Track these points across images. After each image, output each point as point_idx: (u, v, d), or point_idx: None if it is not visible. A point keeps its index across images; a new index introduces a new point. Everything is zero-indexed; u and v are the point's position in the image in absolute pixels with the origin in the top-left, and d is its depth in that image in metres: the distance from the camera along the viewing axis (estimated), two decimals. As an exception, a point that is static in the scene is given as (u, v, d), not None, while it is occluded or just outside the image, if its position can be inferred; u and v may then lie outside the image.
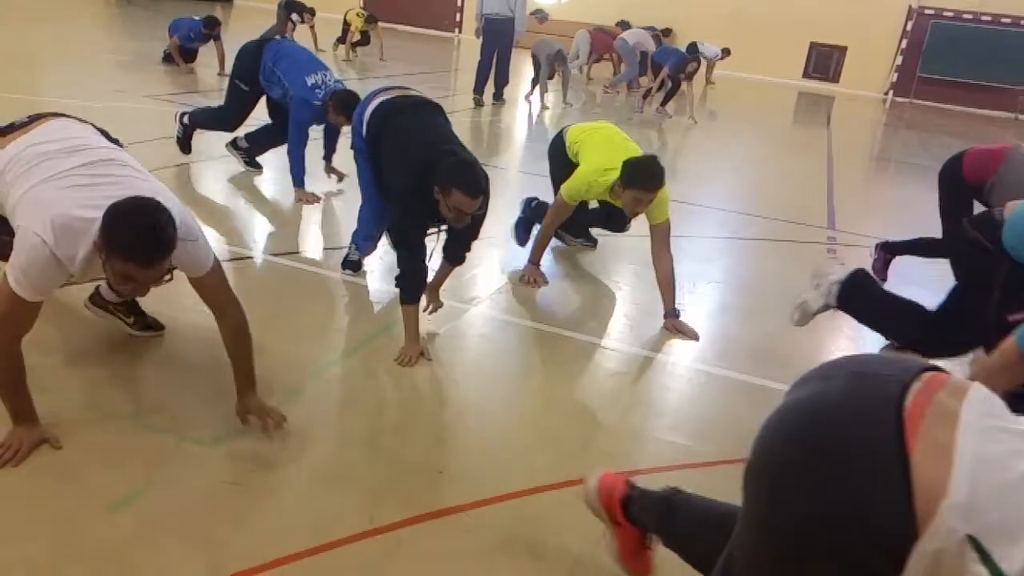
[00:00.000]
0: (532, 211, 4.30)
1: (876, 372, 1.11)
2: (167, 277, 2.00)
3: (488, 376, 3.03)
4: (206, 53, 9.23)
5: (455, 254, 3.29)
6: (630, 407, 2.93)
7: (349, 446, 2.45)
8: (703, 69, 14.45)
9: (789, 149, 9.99)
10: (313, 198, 4.85)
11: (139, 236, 1.87)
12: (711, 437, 2.76)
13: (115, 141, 2.47)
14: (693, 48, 13.18)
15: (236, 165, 5.31)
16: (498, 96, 9.81)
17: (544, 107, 9.94)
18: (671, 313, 3.59)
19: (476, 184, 2.81)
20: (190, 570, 1.85)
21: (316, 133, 4.94)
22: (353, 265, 3.78)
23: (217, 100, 7.83)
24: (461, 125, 3.47)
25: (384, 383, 2.88)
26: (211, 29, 8.81)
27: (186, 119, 5.22)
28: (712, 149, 8.83)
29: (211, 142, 5.51)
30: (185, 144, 5.28)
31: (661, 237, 3.62)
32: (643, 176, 3.44)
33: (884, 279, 4.56)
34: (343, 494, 2.20)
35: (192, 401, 2.54)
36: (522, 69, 11.20)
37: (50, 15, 13.35)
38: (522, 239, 4.28)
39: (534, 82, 10.43)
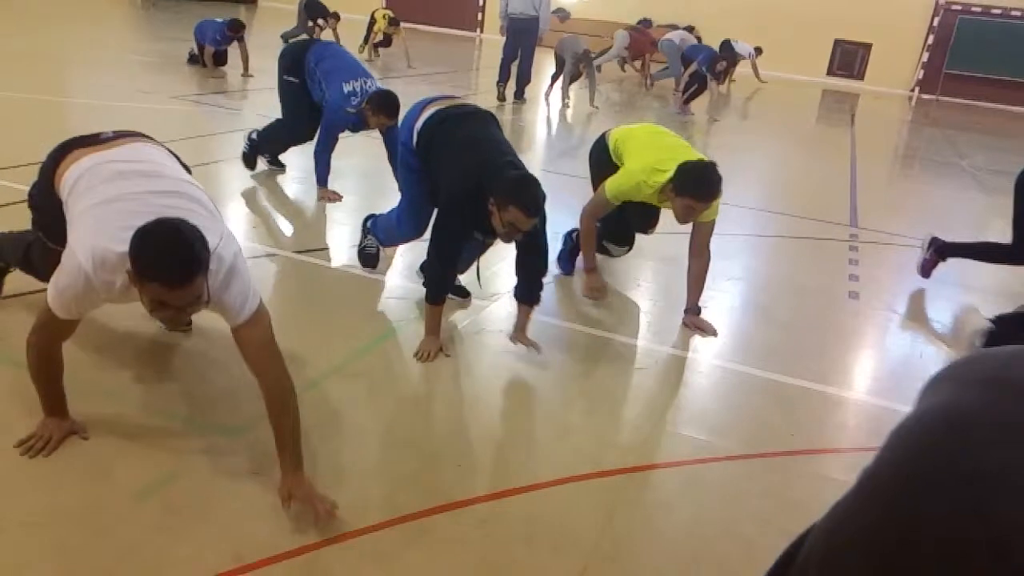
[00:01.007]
0: (575, 242, 4.00)
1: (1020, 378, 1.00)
2: (204, 299, 1.90)
3: (507, 371, 3.06)
4: (231, 55, 9.31)
5: (528, 295, 3.11)
6: (648, 402, 2.94)
7: (369, 438, 2.49)
8: (747, 68, 14.46)
9: (812, 147, 9.92)
10: (335, 196, 4.87)
11: (162, 254, 1.80)
12: (729, 432, 2.77)
13: (188, 171, 2.46)
14: (727, 46, 13.09)
15: (264, 163, 5.35)
16: (520, 95, 9.84)
17: (566, 105, 9.93)
18: (693, 309, 3.58)
19: (535, 202, 2.75)
20: (214, 558, 1.89)
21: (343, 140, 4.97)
22: (373, 260, 3.75)
23: (240, 101, 7.98)
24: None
25: (404, 377, 2.92)
26: (235, 32, 8.90)
27: (254, 135, 5.10)
28: (734, 147, 8.79)
29: (235, 142, 5.57)
30: (251, 161, 5.17)
31: (705, 234, 3.51)
32: (700, 185, 3.26)
33: (927, 276, 4.49)
34: (363, 485, 2.23)
35: (216, 392, 2.59)
36: (546, 69, 11.20)
37: (76, 18, 13.56)
38: (568, 269, 4.09)
39: (553, 78, 10.42)
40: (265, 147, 5.14)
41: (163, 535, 1.95)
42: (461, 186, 2.92)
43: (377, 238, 3.74)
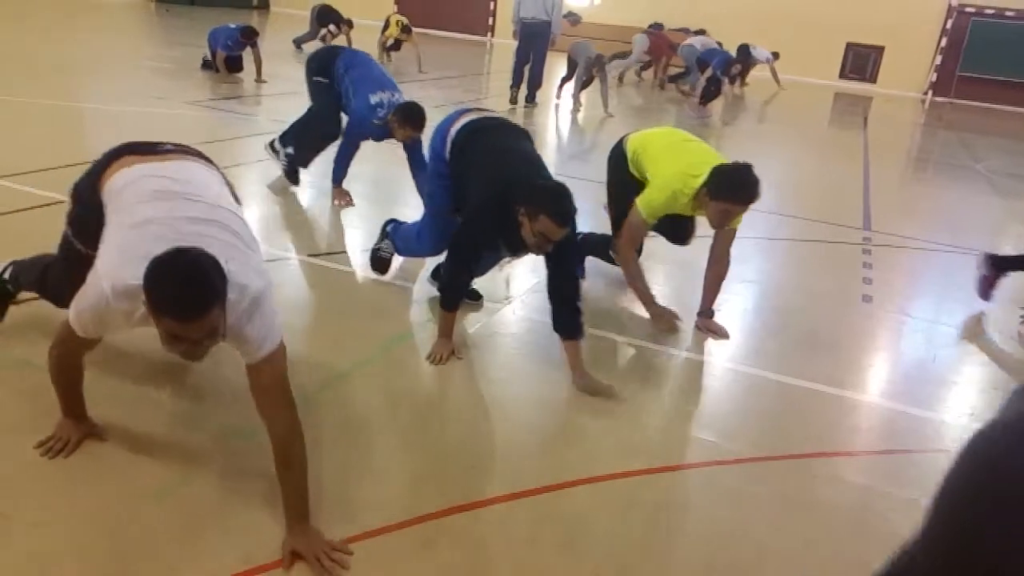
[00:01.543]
0: (587, 246, 3.87)
1: None
2: (220, 333, 1.81)
3: (519, 374, 3.06)
4: (245, 61, 9.35)
5: (569, 328, 2.96)
6: (660, 405, 2.95)
7: (383, 440, 2.50)
8: (765, 72, 14.50)
9: (825, 150, 9.89)
10: (348, 199, 4.86)
11: (174, 287, 1.72)
12: (740, 435, 2.76)
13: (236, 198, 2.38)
14: (744, 50, 13.10)
15: (273, 169, 5.38)
16: (531, 99, 9.87)
17: (577, 108, 9.93)
18: (706, 312, 3.57)
19: (566, 212, 2.71)
20: (227, 558, 1.90)
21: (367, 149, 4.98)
22: (384, 265, 3.69)
23: (254, 106, 8.03)
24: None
25: (417, 380, 2.93)
26: (248, 38, 8.96)
27: (289, 150, 5.00)
28: (747, 149, 8.77)
29: (249, 147, 5.61)
30: (294, 176, 5.08)
31: (727, 241, 3.46)
32: (738, 187, 3.15)
33: (987, 298, 4.19)
34: (377, 486, 2.24)
35: (228, 394, 2.60)
36: (558, 73, 11.22)
37: (91, 24, 13.70)
38: (580, 272, 3.83)
39: (564, 80, 10.44)
40: (302, 156, 5.03)
41: (177, 536, 1.96)
42: (488, 193, 2.91)
43: (394, 244, 3.68)
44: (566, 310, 2.95)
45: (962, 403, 3.20)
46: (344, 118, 4.89)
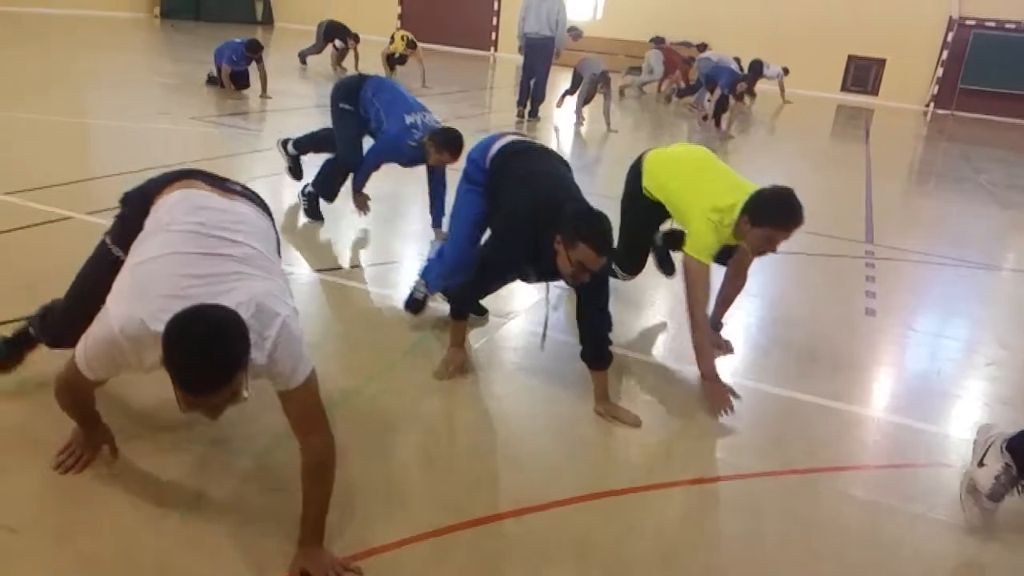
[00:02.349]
0: None
1: None
2: (245, 395, 1.71)
3: (524, 388, 3.08)
4: (251, 77, 9.42)
5: (598, 357, 2.92)
6: (665, 419, 2.96)
7: (390, 457, 2.51)
8: (771, 85, 14.61)
9: (827, 162, 9.92)
10: (366, 204, 4.72)
11: (192, 360, 1.62)
12: (745, 450, 2.77)
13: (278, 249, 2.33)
14: (757, 65, 13.19)
15: (283, 184, 5.41)
16: (534, 113, 9.94)
17: (580, 123, 9.98)
18: (715, 326, 3.56)
19: (605, 239, 2.60)
20: (239, 573, 1.91)
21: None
22: (417, 305, 3.53)
23: (259, 122, 8.09)
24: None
25: (423, 396, 2.94)
26: (254, 52, 9.02)
27: (308, 188, 4.88)
28: (749, 163, 8.80)
29: (255, 162, 5.64)
30: (316, 212, 4.90)
31: (748, 259, 3.40)
32: (783, 212, 2.97)
33: None
34: (385, 502, 2.25)
35: (238, 413, 2.61)
36: (561, 88, 11.28)
37: (98, 40, 13.81)
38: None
39: (566, 92, 10.50)
40: (323, 190, 4.89)
41: (188, 550, 1.98)
42: (522, 209, 2.87)
43: (427, 284, 3.56)
44: (599, 342, 2.91)
45: (967, 417, 3.21)
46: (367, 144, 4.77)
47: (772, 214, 2.97)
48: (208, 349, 1.62)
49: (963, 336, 4.15)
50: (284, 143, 5.24)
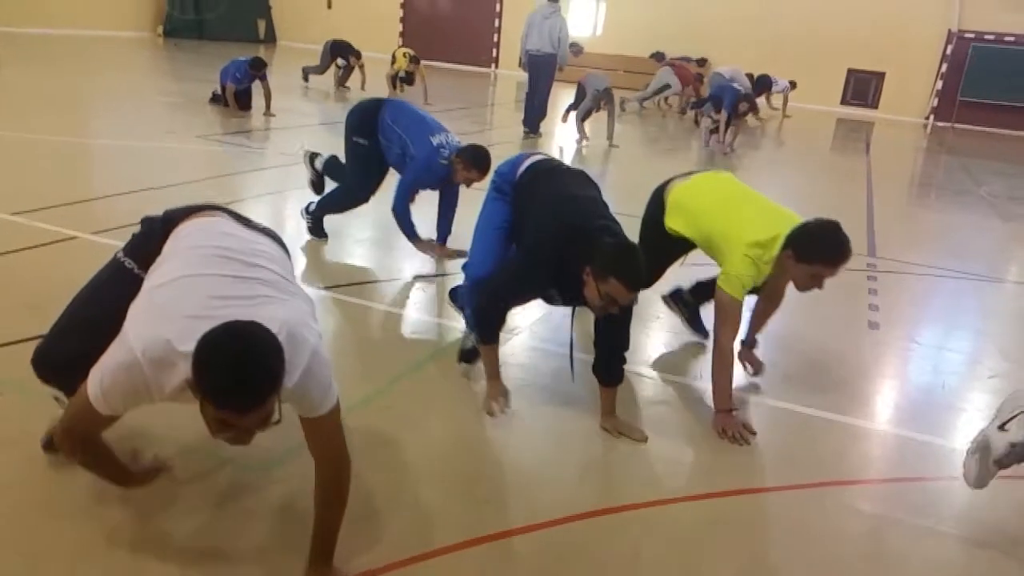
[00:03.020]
0: None
1: None
2: (275, 419, 1.65)
3: (530, 405, 3.08)
4: (254, 95, 9.47)
5: (611, 374, 2.92)
6: (671, 435, 2.96)
7: (396, 473, 2.52)
8: (779, 101, 14.70)
9: (828, 175, 9.95)
10: (448, 250, 4.53)
11: (228, 375, 1.54)
12: (751, 465, 2.78)
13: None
14: (765, 79, 13.27)
15: (287, 201, 5.44)
16: (534, 129, 9.99)
17: (584, 140, 10.00)
18: (750, 343, 3.52)
19: (638, 275, 2.52)
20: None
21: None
22: (469, 355, 3.28)
23: (263, 141, 8.14)
24: (499, 159, 3.55)
25: (428, 412, 2.95)
26: (257, 70, 9.08)
27: (311, 207, 4.84)
28: (751, 177, 8.82)
29: (260, 180, 5.67)
30: (319, 231, 4.88)
31: (785, 279, 3.24)
32: (831, 249, 2.83)
33: None
34: (393, 520, 2.26)
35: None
36: (563, 103, 11.35)
37: (101, 60, 13.90)
38: None
39: (569, 108, 10.56)
40: (326, 211, 4.87)
41: (200, 567, 1.99)
42: (548, 232, 2.80)
43: (463, 309, 3.39)
44: (613, 359, 2.89)
45: (972, 429, 3.20)
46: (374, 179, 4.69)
47: (819, 251, 2.83)
48: (249, 362, 1.55)
49: (966, 348, 4.15)
50: (312, 157, 5.07)
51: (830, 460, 2.87)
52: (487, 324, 2.91)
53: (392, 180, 4.56)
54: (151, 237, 2.09)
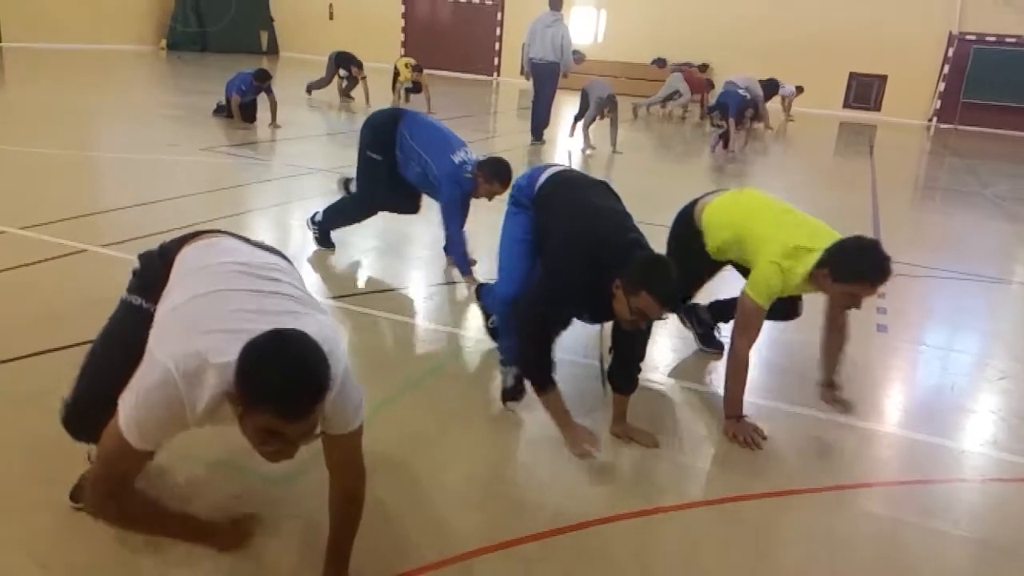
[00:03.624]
0: None
1: None
2: (317, 431, 1.61)
3: (540, 412, 3.08)
4: (260, 107, 9.51)
5: (627, 382, 2.90)
6: (680, 440, 2.96)
7: (409, 482, 2.53)
8: (781, 104, 14.75)
9: (832, 179, 9.96)
10: (470, 280, 4.29)
11: (280, 378, 1.49)
12: (762, 469, 2.78)
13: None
14: (773, 84, 13.32)
15: (294, 212, 5.46)
16: (538, 137, 10.03)
17: (588, 147, 10.01)
18: (833, 384, 3.29)
19: (671, 291, 2.45)
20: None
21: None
22: (515, 393, 3.08)
23: (268, 153, 8.17)
24: (507, 168, 3.56)
25: (442, 422, 2.95)
26: (262, 82, 9.13)
27: (318, 217, 4.81)
28: (755, 181, 8.84)
29: (265, 192, 5.69)
30: (326, 241, 4.87)
31: (842, 311, 3.17)
32: (869, 268, 2.72)
33: None
34: (407, 529, 2.27)
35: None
36: (566, 112, 11.38)
37: (106, 74, 13.98)
38: None
39: (576, 118, 10.59)
40: (333, 223, 4.85)
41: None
42: (574, 246, 2.71)
43: (503, 354, 3.21)
44: (630, 367, 2.89)
45: (982, 431, 3.21)
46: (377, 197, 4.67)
47: (857, 271, 2.73)
48: (302, 366, 1.51)
49: (975, 350, 4.15)
50: (347, 183, 5.05)
51: (842, 464, 2.87)
52: (537, 368, 2.73)
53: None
54: (153, 270, 2.02)
